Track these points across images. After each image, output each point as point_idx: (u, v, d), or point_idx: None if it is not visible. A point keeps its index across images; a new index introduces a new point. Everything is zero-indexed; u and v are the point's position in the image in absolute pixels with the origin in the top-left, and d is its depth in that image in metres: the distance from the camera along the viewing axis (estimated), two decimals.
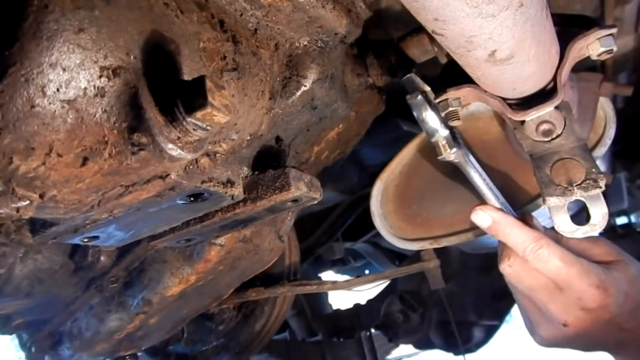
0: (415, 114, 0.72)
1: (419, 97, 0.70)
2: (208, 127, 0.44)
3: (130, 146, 0.43)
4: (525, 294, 0.73)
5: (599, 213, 0.63)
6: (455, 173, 1.00)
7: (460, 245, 1.29)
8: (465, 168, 0.73)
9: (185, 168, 0.49)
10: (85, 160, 0.43)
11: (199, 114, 0.42)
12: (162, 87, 0.44)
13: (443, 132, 0.71)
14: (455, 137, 0.75)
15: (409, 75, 0.73)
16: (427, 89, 0.73)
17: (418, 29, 0.82)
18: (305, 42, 0.64)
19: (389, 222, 1.07)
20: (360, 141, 1.01)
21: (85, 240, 0.57)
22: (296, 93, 0.66)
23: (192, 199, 0.54)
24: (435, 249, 1.27)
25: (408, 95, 0.72)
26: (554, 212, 0.66)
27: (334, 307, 2.07)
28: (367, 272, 2.57)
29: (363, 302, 1.94)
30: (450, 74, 0.73)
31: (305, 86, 0.66)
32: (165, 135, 0.42)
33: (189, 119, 0.43)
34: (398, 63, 0.83)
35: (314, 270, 2.36)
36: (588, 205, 0.64)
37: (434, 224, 1.03)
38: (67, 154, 0.42)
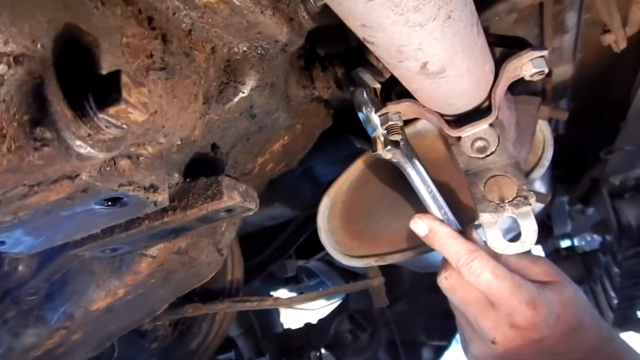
0: (357, 109, 0.71)
1: (363, 92, 0.69)
2: (123, 125, 0.41)
3: (32, 141, 0.39)
4: (459, 308, 0.71)
5: (530, 230, 0.64)
6: (403, 190, 1.00)
7: (408, 263, 1.29)
8: (405, 170, 0.72)
9: (100, 169, 0.46)
10: None
11: (111, 110, 0.40)
12: (76, 81, 0.42)
13: (383, 130, 0.70)
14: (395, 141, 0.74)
15: (357, 69, 0.72)
16: (377, 85, 0.72)
17: None
18: (245, 48, 0.63)
19: (336, 238, 1.06)
20: (314, 157, 1.00)
21: None
22: (233, 99, 0.64)
23: (110, 203, 0.50)
24: (386, 268, 1.26)
25: (351, 87, 0.71)
26: (487, 228, 0.66)
27: (285, 327, 2.02)
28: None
29: (315, 321, 1.90)
30: (391, 89, 0.73)
31: (244, 93, 0.64)
32: (72, 130, 0.39)
33: (100, 115, 0.40)
34: (345, 76, 0.83)
35: (266, 288, 2.31)
36: (519, 222, 0.64)
37: (379, 241, 1.02)
38: None
